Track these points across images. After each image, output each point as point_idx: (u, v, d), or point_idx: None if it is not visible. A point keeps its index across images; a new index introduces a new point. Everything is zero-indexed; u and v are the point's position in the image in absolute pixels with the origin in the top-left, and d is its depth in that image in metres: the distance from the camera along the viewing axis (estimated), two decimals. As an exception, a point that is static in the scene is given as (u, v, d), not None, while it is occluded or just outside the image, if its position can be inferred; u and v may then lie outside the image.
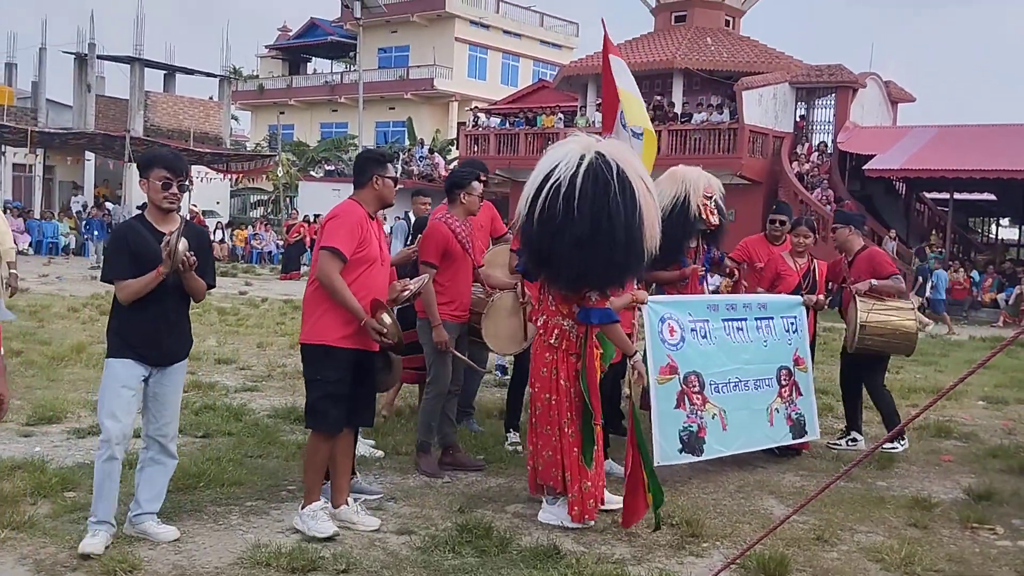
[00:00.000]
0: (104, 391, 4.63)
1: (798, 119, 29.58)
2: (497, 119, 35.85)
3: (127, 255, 4.58)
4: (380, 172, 5.10)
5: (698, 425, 6.28)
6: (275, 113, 50.39)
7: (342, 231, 4.89)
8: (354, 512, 5.10)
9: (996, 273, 23.94)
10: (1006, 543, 5.34)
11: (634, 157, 5.43)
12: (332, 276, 4.85)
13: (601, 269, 5.09)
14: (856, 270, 7.42)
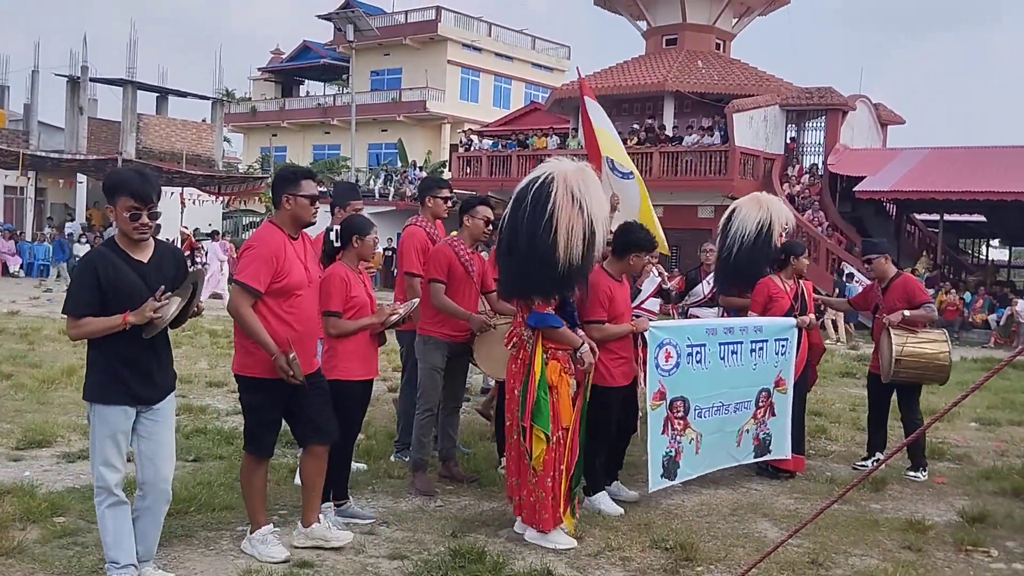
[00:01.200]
0: (97, 440, 4.24)
1: (788, 141, 29.73)
2: (489, 141, 35.96)
3: (95, 288, 4.12)
4: (291, 191, 4.81)
5: (675, 450, 6.38)
6: (268, 135, 50.52)
7: (254, 264, 4.68)
8: (325, 528, 5.06)
9: (987, 294, 24.01)
10: (1000, 565, 5.33)
11: (592, 183, 5.42)
12: (241, 311, 4.65)
13: (514, 279, 5.41)
14: (891, 298, 7.41)
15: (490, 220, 6.38)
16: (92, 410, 4.25)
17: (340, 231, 5.53)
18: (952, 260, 28.49)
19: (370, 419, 8.64)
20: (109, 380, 4.20)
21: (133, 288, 4.15)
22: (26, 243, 31.40)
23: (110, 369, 4.19)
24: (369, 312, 5.46)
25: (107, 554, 4.32)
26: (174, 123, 38.61)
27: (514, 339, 5.50)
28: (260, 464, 4.93)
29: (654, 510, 6.17)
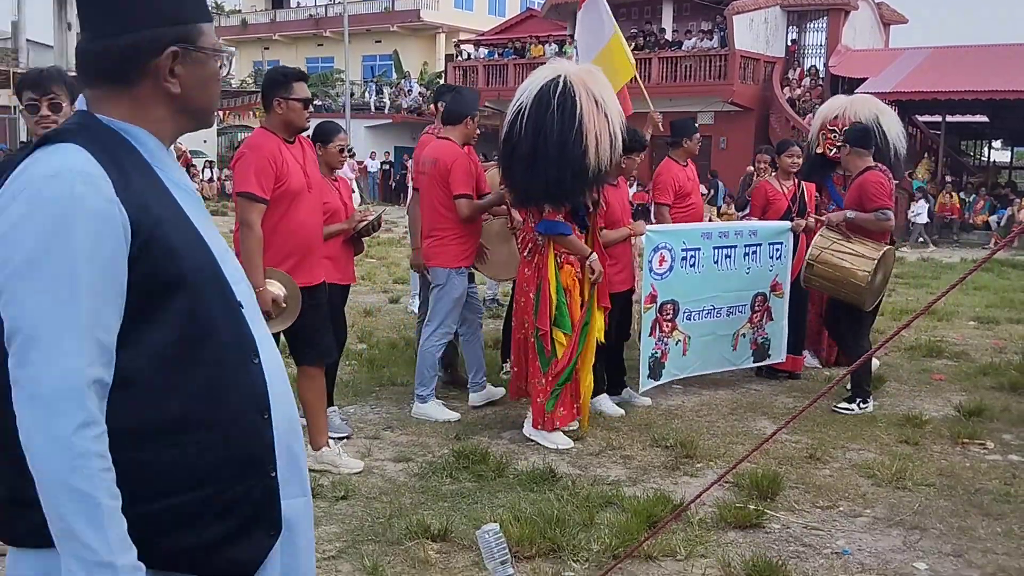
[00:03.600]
0: None
1: (789, 43, 29.22)
2: (485, 50, 35.37)
3: None
4: (282, 94, 4.60)
5: (662, 351, 6.46)
6: (259, 49, 49.72)
7: (251, 171, 4.50)
8: (336, 455, 4.96)
9: (988, 195, 23.92)
10: (996, 457, 5.41)
11: (603, 82, 5.35)
12: (252, 224, 4.48)
13: (541, 185, 5.23)
14: (848, 197, 6.68)
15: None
16: None
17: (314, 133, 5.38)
18: (954, 162, 28.28)
19: (372, 329, 8.70)
20: None
21: None
22: (21, 163, 31.17)
23: None
24: (342, 219, 5.37)
25: None
26: (164, 38, 37.99)
27: (529, 244, 5.48)
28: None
29: (654, 411, 6.25)
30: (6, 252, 1.45)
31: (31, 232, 1.45)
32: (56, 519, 1.43)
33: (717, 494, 4.57)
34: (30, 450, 1.43)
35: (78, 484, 1.41)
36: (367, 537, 4.06)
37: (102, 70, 1.63)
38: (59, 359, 1.43)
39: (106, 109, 1.64)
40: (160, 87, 1.65)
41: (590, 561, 3.86)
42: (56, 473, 1.42)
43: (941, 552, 4.08)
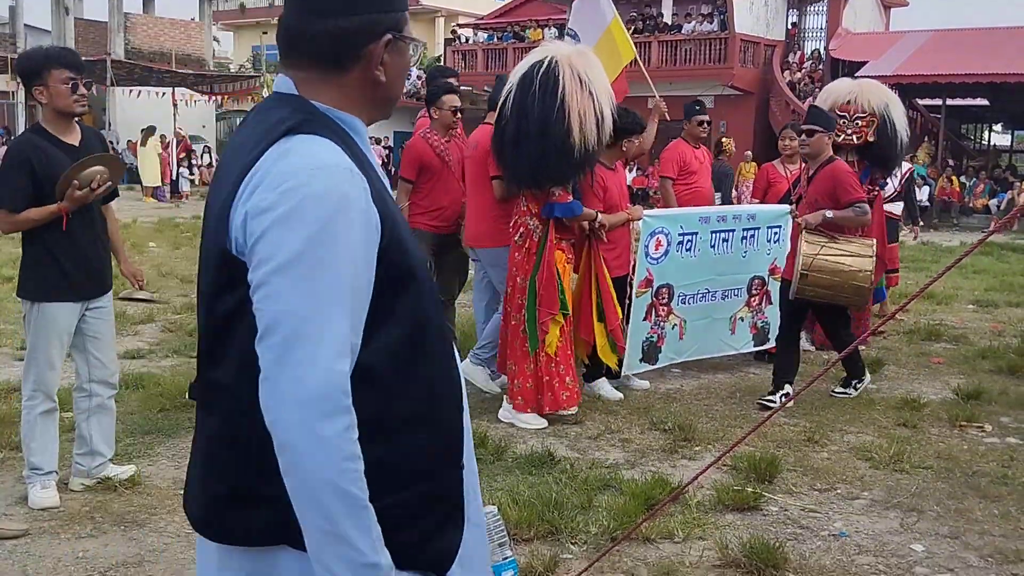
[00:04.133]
0: (40, 341, 4.09)
1: (790, 27, 29.14)
2: (484, 34, 35.24)
3: (27, 178, 3.93)
4: None
5: (658, 335, 6.47)
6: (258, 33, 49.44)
7: None
8: None
9: (988, 179, 23.88)
10: (994, 440, 5.43)
11: (591, 62, 5.35)
12: None
13: (527, 166, 5.24)
14: (815, 189, 6.05)
15: (456, 108, 6.16)
16: (34, 309, 4.06)
17: None
18: (954, 146, 28.22)
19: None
20: (55, 276, 4.03)
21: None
22: (19, 148, 31.08)
23: (55, 265, 4.02)
24: None
25: (30, 460, 4.15)
26: (162, 22, 37.82)
27: (520, 229, 5.47)
28: None
29: (653, 394, 6.26)
30: (271, 247, 1.40)
31: (299, 227, 1.40)
32: (321, 521, 1.38)
33: (715, 477, 4.58)
34: (291, 450, 1.38)
35: (346, 486, 1.38)
36: (366, 520, 4.07)
37: (316, 52, 1.57)
38: (324, 359, 1.38)
39: (314, 94, 1.58)
40: (369, 75, 1.60)
41: (588, 543, 3.88)
42: (323, 475, 1.37)
43: (938, 534, 4.09)
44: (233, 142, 1.62)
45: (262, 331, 1.40)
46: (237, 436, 1.49)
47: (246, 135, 1.57)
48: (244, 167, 1.48)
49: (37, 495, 4.14)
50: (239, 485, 1.49)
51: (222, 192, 1.52)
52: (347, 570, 1.38)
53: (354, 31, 1.56)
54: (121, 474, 4.41)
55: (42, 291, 4.05)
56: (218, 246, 1.48)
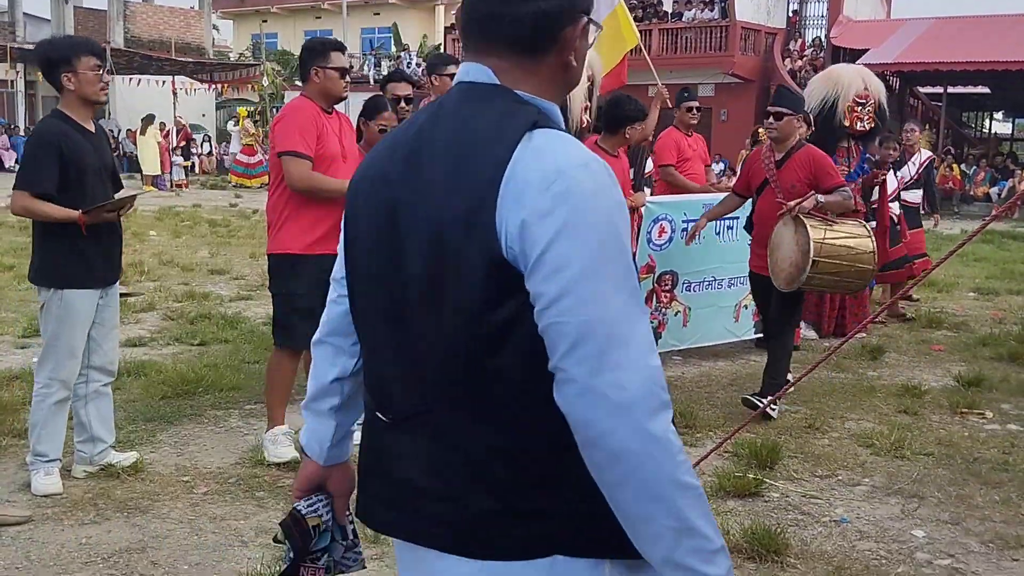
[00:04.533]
0: (64, 329, 4.05)
1: (791, 14, 29.05)
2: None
3: (56, 163, 3.93)
4: (320, 63, 4.55)
5: (659, 321, 6.49)
6: (258, 21, 49.31)
7: (294, 130, 4.44)
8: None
9: (989, 167, 23.86)
10: (995, 426, 5.43)
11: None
12: (308, 176, 4.41)
13: None
14: (788, 176, 5.62)
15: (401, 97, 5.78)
16: (56, 297, 4.03)
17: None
18: (955, 134, 28.18)
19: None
20: (77, 263, 4.02)
21: (89, 162, 4.04)
22: (20, 137, 31.04)
23: (79, 252, 4.01)
24: None
25: (36, 448, 4.13)
26: (161, 10, 37.76)
27: None
28: (290, 359, 4.65)
29: (654, 382, 6.26)
30: (563, 255, 1.34)
31: (586, 231, 1.35)
32: (670, 520, 1.34)
33: (716, 463, 4.59)
34: (627, 458, 1.33)
35: (686, 479, 1.35)
36: (368, 507, 4.08)
37: (515, 37, 1.50)
38: (640, 358, 1.35)
39: (513, 83, 1.51)
40: (562, 59, 1.53)
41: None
42: (665, 473, 1.33)
43: (939, 520, 4.10)
44: (436, 138, 1.50)
45: (571, 343, 1.34)
46: (515, 451, 1.43)
47: (460, 130, 1.48)
48: (490, 168, 1.40)
49: (40, 482, 4.13)
50: (515, 500, 1.44)
51: (457, 195, 1.42)
52: (702, 562, 1.36)
53: (555, 14, 1.50)
54: (123, 460, 4.41)
55: (65, 278, 4.03)
56: (485, 254, 1.38)
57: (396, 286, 1.51)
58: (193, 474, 4.43)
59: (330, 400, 1.72)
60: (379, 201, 1.55)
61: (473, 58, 1.54)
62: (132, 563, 3.55)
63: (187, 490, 4.24)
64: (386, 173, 1.56)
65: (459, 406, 1.46)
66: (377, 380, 1.59)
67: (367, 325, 1.61)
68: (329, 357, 1.72)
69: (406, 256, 1.49)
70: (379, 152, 1.62)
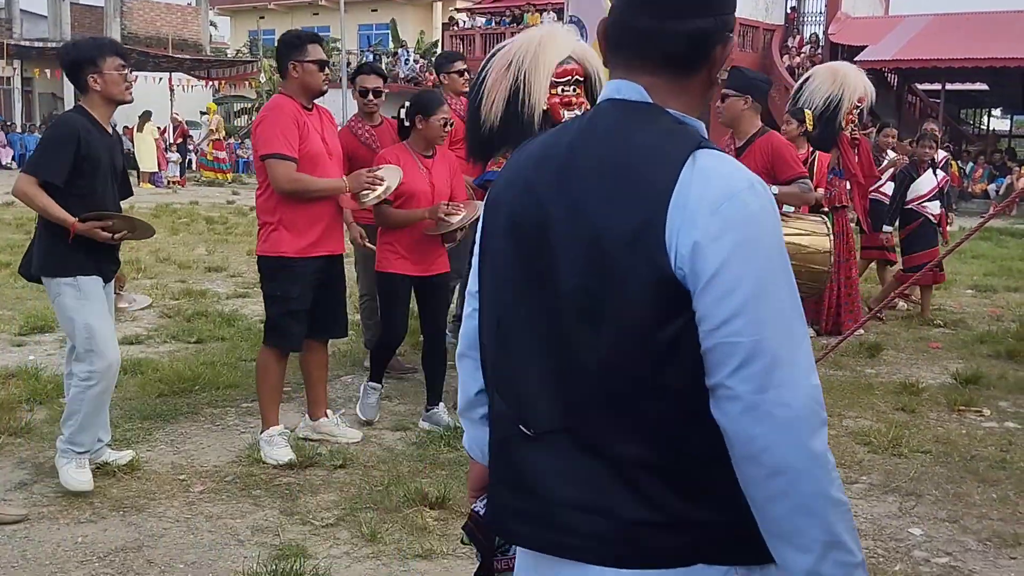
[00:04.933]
0: (91, 316, 4.02)
1: (789, 11, 29.04)
2: (483, 18, 35.13)
3: (71, 155, 3.92)
4: (297, 58, 4.47)
5: None
6: (255, 18, 49.23)
7: (276, 132, 4.37)
8: (334, 424, 4.90)
9: (987, 164, 23.86)
10: (992, 424, 5.43)
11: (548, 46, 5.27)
12: (295, 179, 4.37)
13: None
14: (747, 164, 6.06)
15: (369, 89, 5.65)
16: (70, 285, 4.01)
17: (409, 107, 4.91)
18: (953, 130, 28.18)
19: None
20: (84, 253, 4.01)
21: (103, 160, 4.04)
22: (16, 135, 31.01)
23: (87, 243, 3.99)
24: (427, 204, 4.82)
25: (73, 437, 4.07)
26: (159, 7, 37.68)
27: None
28: (278, 359, 4.64)
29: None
30: (735, 277, 1.38)
31: (756, 253, 1.39)
32: (821, 534, 1.39)
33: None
34: (788, 473, 1.38)
35: (838, 495, 1.41)
36: (365, 505, 4.08)
37: (670, 56, 1.51)
38: (803, 377, 1.39)
39: (663, 101, 1.53)
40: (710, 77, 1.56)
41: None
42: (821, 489, 1.39)
43: (936, 518, 4.10)
44: (591, 155, 1.51)
45: (739, 362, 1.38)
46: (667, 464, 1.46)
47: (619, 149, 1.49)
48: (657, 189, 1.42)
49: (72, 476, 4.05)
50: (664, 512, 1.47)
51: (620, 213, 1.44)
52: (843, 573, 1.41)
53: (711, 32, 1.51)
54: (119, 459, 4.38)
55: (77, 264, 4.01)
56: (655, 272, 1.40)
57: (545, 301, 1.52)
58: (189, 472, 4.42)
59: (479, 410, 1.77)
60: (526, 216, 1.55)
61: (624, 75, 1.55)
62: (128, 561, 3.55)
63: (183, 488, 4.24)
64: (533, 188, 1.56)
65: (614, 422, 1.47)
66: (516, 392, 1.59)
67: (505, 338, 1.61)
68: (471, 371, 1.76)
69: (559, 272, 1.49)
70: (521, 166, 1.62)
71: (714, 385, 1.40)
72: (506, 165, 1.68)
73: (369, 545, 3.70)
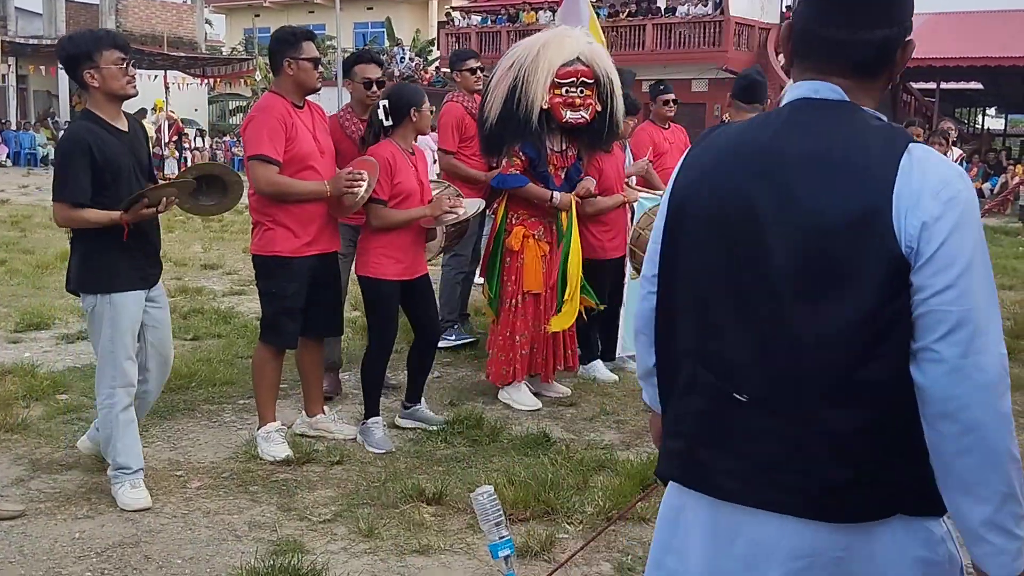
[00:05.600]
0: (117, 334, 3.88)
1: (784, 9, 29.06)
2: (479, 16, 35.12)
3: (88, 169, 3.75)
4: (292, 54, 4.42)
5: None
6: (250, 16, 49.18)
7: (262, 133, 4.33)
8: (331, 421, 4.88)
9: (982, 163, 23.92)
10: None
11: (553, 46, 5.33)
12: (274, 181, 4.35)
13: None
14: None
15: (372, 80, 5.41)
16: (104, 303, 3.87)
17: (390, 104, 4.72)
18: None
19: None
20: (122, 264, 3.88)
21: (123, 163, 3.85)
22: (11, 132, 30.95)
23: (124, 253, 3.86)
24: (418, 202, 4.76)
25: (116, 460, 3.97)
26: (154, 4, 37.61)
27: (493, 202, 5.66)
28: (275, 356, 4.63)
29: (648, 376, 6.27)
30: (953, 252, 1.55)
31: (969, 233, 1.57)
32: (1002, 486, 1.55)
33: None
34: (979, 429, 1.54)
35: (1016, 453, 1.56)
36: (362, 500, 4.08)
37: (861, 61, 1.68)
38: (996, 345, 1.56)
39: (857, 99, 1.70)
40: (890, 78, 1.73)
41: (584, 523, 3.89)
42: (1005, 445, 1.55)
43: (931, 514, 4.11)
44: (798, 149, 1.66)
45: (948, 328, 1.54)
46: (876, 428, 1.62)
47: (830, 143, 1.64)
48: (882, 178, 1.58)
49: (127, 496, 3.94)
50: (870, 470, 1.63)
51: (843, 202, 1.59)
52: (1015, 524, 1.57)
53: (897, 38, 1.68)
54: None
55: (112, 281, 3.87)
56: (886, 254, 1.56)
57: (756, 282, 1.67)
58: (186, 468, 4.43)
59: (654, 378, 1.93)
60: (730, 205, 1.69)
61: (815, 76, 1.71)
62: (125, 557, 3.55)
63: (180, 485, 4.24)
64: (735, 179, 1.70)
65: (827, 388, 1.62)
66: (724, 362, 1.73)
67: (712, 316, 1.74)
68: (646, 346, 1.94)
69: (771, 256, 1.64)
70: (715, 159, 1.75)
71: (920, 348, 1.57)
72: (690, 160, 1.82)
73: (366, 541, 3.71)
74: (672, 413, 1.85)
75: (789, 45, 1.75)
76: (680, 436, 1.81)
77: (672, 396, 1.85)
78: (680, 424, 1.82)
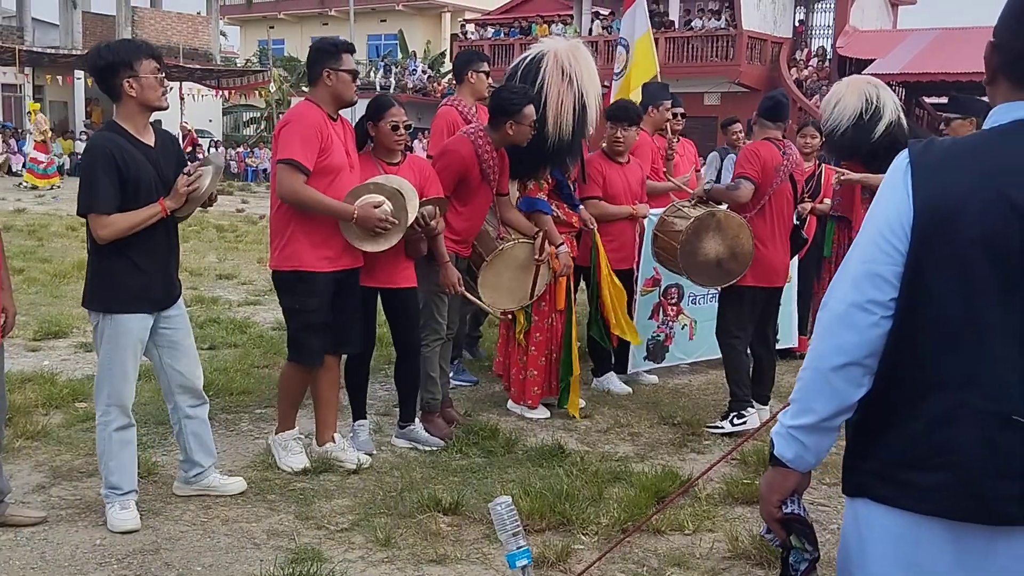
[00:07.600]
0: (115, 353, 3.84)
1: (797, 24, 29.13)
2: (492, 30, 35.26)
3: (116, 180, 3.69)
4: (332, 65, 4.36)
5: (666, 334, 6.54)
6: (265, 27, 49.47)
7: (295, 139, 4.23)
8: (341, 450, 4.66)
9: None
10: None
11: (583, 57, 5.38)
12: (298, 190, 4.22)
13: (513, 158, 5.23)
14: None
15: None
16: (107, 321, 3.83)
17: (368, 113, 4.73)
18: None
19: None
20: (131, 286, 3.81)
21: (144, 176, 3.76)
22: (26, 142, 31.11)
23: (129, 273, 3.80)
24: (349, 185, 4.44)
25: (108, 480, 3.91)
26: (169, 16, 37.88)
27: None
28: (303, 373, 4.54)
29: (662, 389, 6.30)
30: None
31: None
32: None
33: (724, 470, 4.62)
34: None
35: None
36: (379, 510, 4.11)
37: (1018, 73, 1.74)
38: None
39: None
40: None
41: (599, 534, 3.91)
42: None
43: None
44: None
45: None
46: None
47: None
48: None
49: (116, 516, 3.87)
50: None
51: None
52: None
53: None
54: (226, 487, 4.23)
55: (116, 302, 3.81)
56: None
57: None
58: (205, 477, 4.46)
59: (846, 415, 1.83)
60: (1004, 229, 1.65)
61: (1015, 94, 1.75)
62: (146, 564, 3.59)
63: (199, 493, 4.27)
64: (1011, 201, 1.66)
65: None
66: (1002, 388, 1.68)
67: (981, 340, 1.69)
68: (858, 378, 1.79)
69: None
70: (981, 175, 1.70)
71: None
72: (930, 175, 1.74)
73: (383, 550, 3.74)
74: (924, 446, 1.75)
75: (1000, 69, 1.77)
76: (942, 469, 1.73)
77: (913, 427, 1.76)
78: (942, 456, 1.73)
